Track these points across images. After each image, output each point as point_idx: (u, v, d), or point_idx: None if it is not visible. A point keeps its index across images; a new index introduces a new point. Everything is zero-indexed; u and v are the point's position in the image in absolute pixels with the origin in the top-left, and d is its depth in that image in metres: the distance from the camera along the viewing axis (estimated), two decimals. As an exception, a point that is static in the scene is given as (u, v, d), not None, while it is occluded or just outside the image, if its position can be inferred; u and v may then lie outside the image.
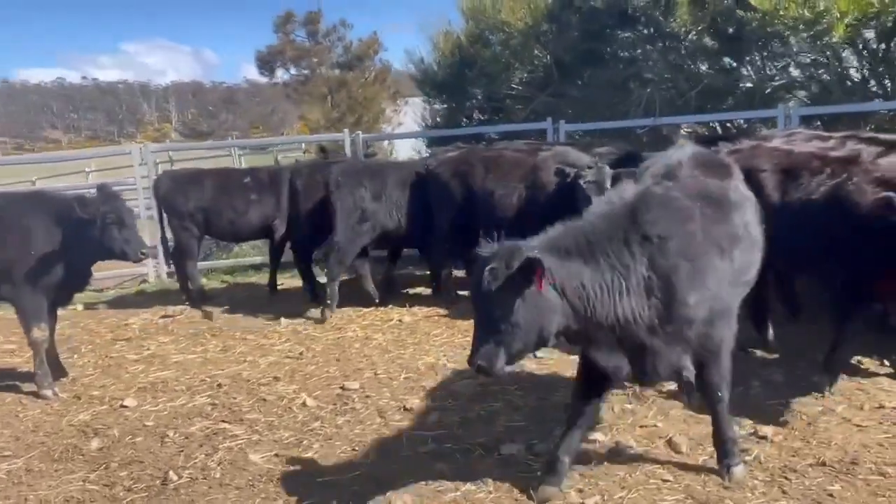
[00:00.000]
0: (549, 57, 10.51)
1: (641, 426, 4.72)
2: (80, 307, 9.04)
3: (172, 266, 9.42)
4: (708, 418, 4.61)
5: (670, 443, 4.45)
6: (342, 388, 5.75)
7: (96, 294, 9.98)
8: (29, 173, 23.69)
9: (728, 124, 9.61)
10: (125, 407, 5.64)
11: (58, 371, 6.21)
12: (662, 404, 5.02)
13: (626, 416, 4.89)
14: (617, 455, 4.35)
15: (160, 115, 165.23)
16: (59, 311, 8.13)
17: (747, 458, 4.21)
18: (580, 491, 3.98)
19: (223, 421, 5.26)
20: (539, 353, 5.61)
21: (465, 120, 11.68)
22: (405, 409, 5.25)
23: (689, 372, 3.87)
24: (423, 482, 4.11)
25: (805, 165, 5.11)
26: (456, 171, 8.28)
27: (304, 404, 5.47)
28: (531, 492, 3.93)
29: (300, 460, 4.56)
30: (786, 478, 4.01)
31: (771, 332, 5.95)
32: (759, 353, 5.87)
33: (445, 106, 12.04)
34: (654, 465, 4.21)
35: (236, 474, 4.42)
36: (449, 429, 4.87)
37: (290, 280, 9.81)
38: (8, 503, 4.22)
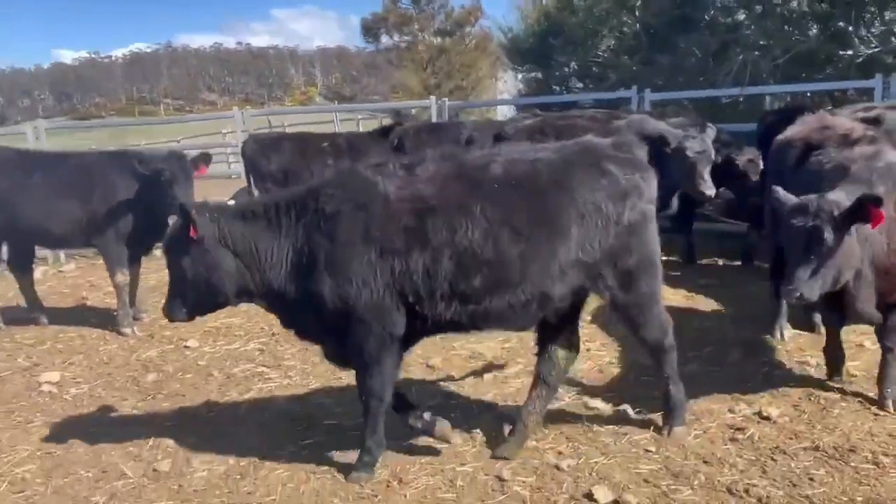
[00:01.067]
0: (637, 24, 10.22)
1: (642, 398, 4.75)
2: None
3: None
4: (709, 398, 4.63)
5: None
6: (380, 343, 6.08)
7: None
8: (175, 133, 26.01)
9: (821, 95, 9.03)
10: (187, 347, 6.27)
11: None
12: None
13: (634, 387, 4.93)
14: (608, 423, 4.43)
15: (306, 79, 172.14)
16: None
17: (740, 436, 4.18)
18: (559, 453, 4.11)
19: (264, 365, 5.75)
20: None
21: (554, 88, 11.58)
22: (428, 366, 5.51)
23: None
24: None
25: (821, 143, 4.89)
26: (530, 139, 8.36)
27: (339, 356, 5.87)
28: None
29: (317, 405, 4.95)
30: (772, 458, 3.95)
31: (819, 316, 5.72)
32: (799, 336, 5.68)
33: (534, 74, 12.00)
34: (641, 435, 4.25)
35: (257, 413, 4.87)
36: (462, 386, 5.10)
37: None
38: (65, 420, 4.89)
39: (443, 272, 3.59)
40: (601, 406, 4.67)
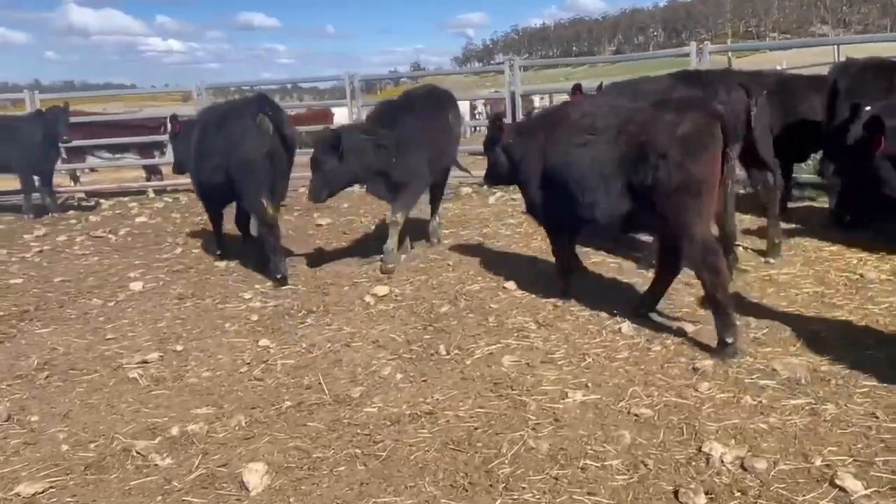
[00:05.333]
0: None
1: None
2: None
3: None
4: None
5: None
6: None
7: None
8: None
9: None
10: (505, 288, 6.26)
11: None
12: None
13: None
14: None
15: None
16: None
17: None
18: None
19: (537, 322, 5.44)
20: None
21: None
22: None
23: None
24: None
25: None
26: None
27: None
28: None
29: (535, 375, 4.53)
30: None
31: None
32: None
33: None
34: None
35: (483, 362, 4.73)
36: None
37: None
38: (354, 326, 5.54)
39: None
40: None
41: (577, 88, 8.31)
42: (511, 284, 6.32)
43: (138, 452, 3.87)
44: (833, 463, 3.33)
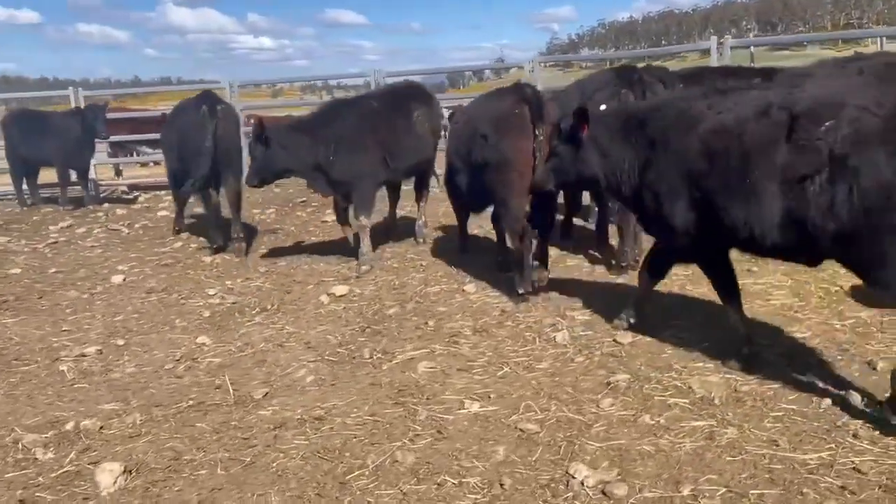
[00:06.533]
0: None
1: None
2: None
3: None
4: None
5: None
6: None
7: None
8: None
9: None
10: (463, 291, 6.12)
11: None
12: None
13: None
14: None
15: None
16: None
17: None
18: None
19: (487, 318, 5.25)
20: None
21: None
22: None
23: None
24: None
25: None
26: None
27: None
28: None
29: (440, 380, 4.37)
30: None
31: None
32: None
33: None
34: None
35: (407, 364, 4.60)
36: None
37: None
38: (309, 322, 5.48)
39: None
40: None
41: None
42: (471, 287, 6.16)
43: (24, 445, 3.92)
44: (701, 493, 3.07)
